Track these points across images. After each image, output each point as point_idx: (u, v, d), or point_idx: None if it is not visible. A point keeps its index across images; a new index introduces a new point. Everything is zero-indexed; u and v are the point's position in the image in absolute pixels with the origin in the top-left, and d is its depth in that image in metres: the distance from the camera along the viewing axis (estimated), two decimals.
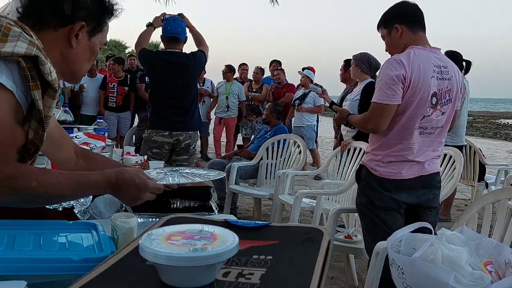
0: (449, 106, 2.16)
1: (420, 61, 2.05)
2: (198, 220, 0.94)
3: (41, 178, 0.99)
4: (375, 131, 2.17)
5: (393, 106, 2.05)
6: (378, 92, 2.09)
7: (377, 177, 2.14)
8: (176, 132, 3.45)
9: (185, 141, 3.49)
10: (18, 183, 0.96)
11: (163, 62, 3.43)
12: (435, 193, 2.22)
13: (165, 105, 3.46)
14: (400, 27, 2.15)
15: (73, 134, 2.34)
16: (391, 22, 2.18)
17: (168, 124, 3.45)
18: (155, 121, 3.49)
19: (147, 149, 3.43)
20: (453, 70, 2.16)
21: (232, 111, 7.89)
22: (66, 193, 1.05)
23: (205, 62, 3.64)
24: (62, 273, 0.86)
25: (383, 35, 2.25)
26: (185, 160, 3.55)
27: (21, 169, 1.01)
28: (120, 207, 1.47)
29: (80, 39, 1.14)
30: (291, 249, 0.81)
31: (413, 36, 2.15)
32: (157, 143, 3.45)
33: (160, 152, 3.44)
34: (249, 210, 5.07)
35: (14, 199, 0.98)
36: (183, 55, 3.48)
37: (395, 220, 2.13)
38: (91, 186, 1.08)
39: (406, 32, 2.15)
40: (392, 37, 2.19)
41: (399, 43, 2.17)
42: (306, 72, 6.87)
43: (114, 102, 7.24)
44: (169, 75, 3.42)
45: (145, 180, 1.14)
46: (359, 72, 4.00)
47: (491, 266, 1.51)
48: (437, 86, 2.09)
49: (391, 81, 2.02)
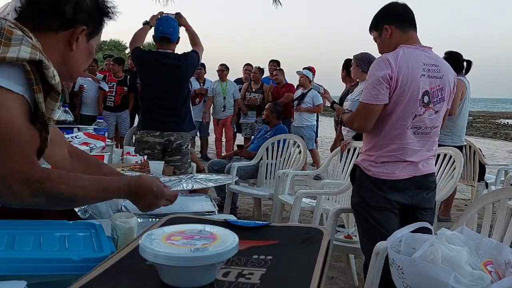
0: (442, 104, 2.16)
1: (409, 59, 2.06)
2: (198, 220, 0.94)
3: (69, 182, 1.02)
4: (361, 130, 2.24)
5: (378, 106, 2.07)
6: (364, 92, 2.14)
7: (371, 177, 2.15)
8: (167, 132, 3.42)
9: (176, 141, 3.45)
10: (47, 187, 0.98)
11: (155, 62, 3.39)
12: (429, 193, 2.22)
13: (156, 105, 3.43)
14: (390, 27, 2.16)
15: (73, 134, 2.35)
16: (381, 23, 2.20)
17: (159, 125, 3.41)
18: (146, 121, 3.47)
19: (139, 150, 3.39)
20: (444, 68, 2.16)
21: (228, 111, 7.92)
22: (92, 196, 1.08)
23: (198, 62, 3.61)
24: (62, 273, 0.86)
25: (374, 37, 2.26)
26: (178, 160, 3.51)
27: (50, 172, 1.03)
28: (120, 207, 1.47)
29: (79, 42, 1.14)
30: (291, 249, 0.81)
31: (403, 36, 2.15)
32: (148, 143, 3.41)
33: (152, 153, 3.39)
34: (249, 210, 5.07)
35: (41, 201, 1.00)
36: (175, 56, 3.45)
37: (389, 220, 2.13)
38: (114, 192, 1.12)
39: (396, 32, 2.16)
40: (382, 38, 2.20)
41: (390, 44, 2.17)
42: (304, 71, 6.86)
43: (112, 102, 7.23)
44: (160, 76, 3.39)
45: (162, 188, 1.18)
46: (360, 72, 4.01)
47: (491, 266, 1.51)
48: (428, 84, 2.08)
49: (376, 82, 2.04)
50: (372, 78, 2.08)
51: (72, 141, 1.82)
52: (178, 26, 3.49)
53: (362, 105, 2.14)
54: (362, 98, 2.14)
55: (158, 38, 3.45)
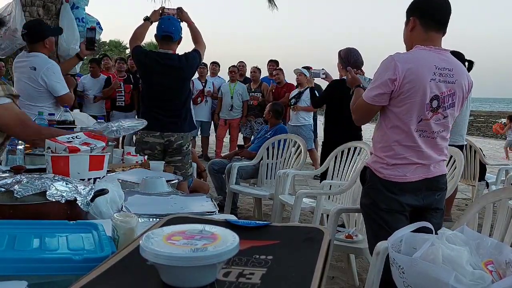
0: (453, 110, 2.12)
1: (419, 63, 2.01)
2: (198, 220, 0.94)
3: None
4: (356, 122, 2.30)
5: (375, 107, 2.10)
6: (367, 91, 2.13)
7: (382, 180, 2.12)
8: (168, 133, 3.41)
9: (177, 142, 3.45)
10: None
11: (155, 63, 3.38)
12: (440, 194, 2.19)
13: (157, 106, 3.42)
14: (415, 21, 2.09)
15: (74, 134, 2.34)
16: (410, 13, 2.13)
17: (159, 125, 3.40)
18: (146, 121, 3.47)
19: (140, 151, 3.38)
20: (459, 73, 2.09)
21: (236, 112, 7.90)
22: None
23: (200, 62, 3.60)
24: (62, 273, 0.86)
25: (405, 22, 2.19)
26: (179, 160, 3.51)
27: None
28: (121, 207, 1.47)
29: None
30: (291, 249, 0.81)
31: (424, 35, 2.08)
32: (149, 144, 3.40)
33: (152, 153, 3.37)
34: (250, 210, 5.08)
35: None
36: (175, 57, 3.43)
37: (399, 222, 2.07)
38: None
39: (418, 28, 2.09)
40: (406, 28, 2.15)
41: (410, 37, 2.12)
42: (302, 70, 6.80)
43: (123, 101, 7.18)
44: (161, 77, 3.38)
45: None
46: (342, 69, 4.16)
47: (491, 266, 1.51)
48: (438, 89, 2.03)
49: (381, 83, 2.03)
50: (377, 78, 2.07)
51: (72, 141, 1.82)
52: (181, 26, 3.48)
53: (363, 102, 2.15)
54: (364, 96, 2.14)
55: (160, 37, 3.43)
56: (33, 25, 3.41)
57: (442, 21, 2.09)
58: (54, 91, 3.29)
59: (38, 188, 1.20)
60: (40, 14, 4.17)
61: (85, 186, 1.31)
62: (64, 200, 1.21)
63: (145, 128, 3.43)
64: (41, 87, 3.25)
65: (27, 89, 3.24)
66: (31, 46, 3.33)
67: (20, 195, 1.17)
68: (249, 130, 7.91)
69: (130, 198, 1.54)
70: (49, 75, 3.25)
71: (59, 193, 1.21)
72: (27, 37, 3.33)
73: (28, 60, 3.29)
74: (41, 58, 3.31)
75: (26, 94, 3.20)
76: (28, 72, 3.25)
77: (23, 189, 1.18)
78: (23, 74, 3.27)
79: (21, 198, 1.17)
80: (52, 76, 3.27)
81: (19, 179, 1.23)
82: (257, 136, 5.25)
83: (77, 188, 1.27)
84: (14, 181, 1.22)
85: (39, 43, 3.31)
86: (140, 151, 3.36)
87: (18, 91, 3.22)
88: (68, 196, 1.22)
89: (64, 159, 1.63)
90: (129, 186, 1.83)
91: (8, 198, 1.17)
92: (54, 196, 1.20)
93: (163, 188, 1.77)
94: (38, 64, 3.25)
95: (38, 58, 3.30)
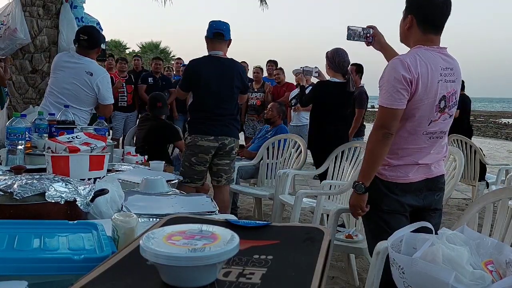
0: (455, 107, 2.11)
1: (428, 64, 1.96)
2: (198, 220, 0.94)
3: None
4: (388, 135, 1.99)
5: (400, 110, 1.96)
6: (385, 96, 1.96)
7: (384, 181, 2.10)
8: (222, 136, 3.48)
9: (230, 145, 3.52)
10: None
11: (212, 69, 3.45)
12: (439, 194, 2.19)
13: (214, 112, 3.46)
14: (413, 20, 2.04)
15: (74, 134, 2.34)
16: (409, 10, 2.06)
17: (216, 129, 3.46)
18: (200, 126, 3.49)
19: (192, 155, 3.46)
20: (457, 71, 2.08)
21: None
22: None
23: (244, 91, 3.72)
24: (63, 273, 0.86)
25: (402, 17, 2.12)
26: (227, 164, 3.60)
27: None
28: (121, 207, 1.47)
29: None
30: (291, 248, 0.81)
31: (422, 36, 2.03)
32: (203, 147, 3.46)
33: (205, 156, 3.47)
34: (250, 210, 5.08)
35: None
36: (230, 61, 3.52)
37: (400, 223, 2.05)
38: None
39: (415, 28, 2.04)
40: (403, 23, 2.09)
41: (407, 35, 2.07)
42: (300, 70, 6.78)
43: (125, 102, 7.17)
44: (219, 81, 3.45)
45: None
46: (329, 69, 4.16)
47: (491, 266, 1.51)
48: (445, 89, 2.01)
49: (399, 84, 1.92)
50: (393, 81, 1.94)
51: (72, 141, 1.82)
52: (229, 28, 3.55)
53: (386, 110, 1.97)
54: (384, 103, 1.97)
55: (211, 35, 3.47)
56: (92, 32, 3.45)
57: (442, 26, 2.06)
58: (103, 98, 3.36)
59: (37, 189, 1.20)
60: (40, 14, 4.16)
61: (85, 186, 1.31)
62: (64, 201, 1.21)
63: (199, 132, 3.46)
64: (92, 92, 3.31)
65: (75, 90, 3.28)
66: (86, 51, 3.36)
67: (19, 197, 1.17)
68: (251, 130, 7.91)
69: (130, 198, 1.54)
70: (104, 83, 3.34)
71: (58, 194, 1.22)
72: (86, 42, 3.35)
73: (83, 64, 3.32)
74: (97, 65, 3.44)
75: (72, 95, 3.27)
76: (82, 75, 3.28)
77: (22, 190, 1.19)
78: (74, 76, 3.29)
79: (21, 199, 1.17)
80: (106, 86, 3.37)
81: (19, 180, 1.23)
82: (257, 136, 5.24)
83: (77, 188, 1.27)
84: (13, 182, 1.22)
85: (94, 49, 3.40)
86: (191, 155, 3.45)
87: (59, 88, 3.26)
88: (67, 197, 1.23)
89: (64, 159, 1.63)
90: (129, 186, 1.84)
91: (8, 199, 1.17)
92: (53, 197, 1.20)
93: (163, 188, 1.77)
94: (95, 71, 3.32)
95: (94, 64, 3.39)
